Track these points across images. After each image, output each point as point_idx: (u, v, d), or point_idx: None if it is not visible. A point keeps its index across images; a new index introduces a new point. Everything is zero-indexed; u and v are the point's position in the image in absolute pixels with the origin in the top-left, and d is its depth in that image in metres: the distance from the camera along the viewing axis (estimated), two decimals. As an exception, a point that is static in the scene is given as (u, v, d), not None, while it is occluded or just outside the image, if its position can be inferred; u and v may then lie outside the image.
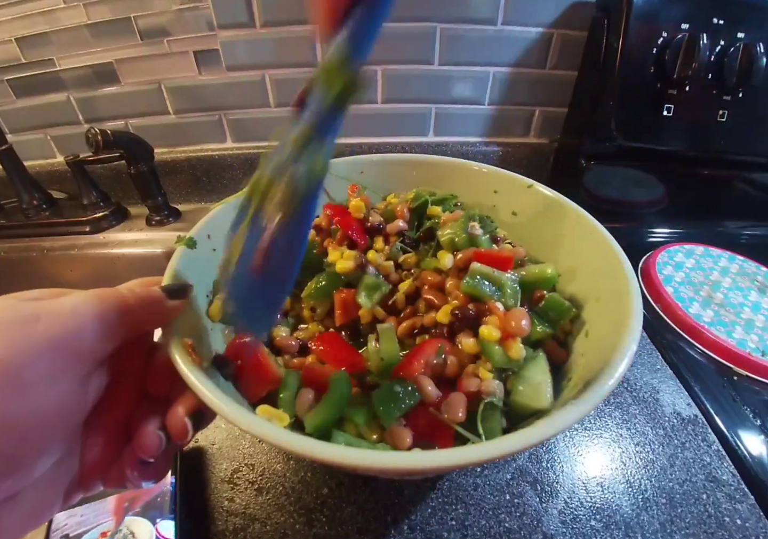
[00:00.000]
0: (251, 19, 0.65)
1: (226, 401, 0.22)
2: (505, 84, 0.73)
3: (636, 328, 0.26)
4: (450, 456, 0.20)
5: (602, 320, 0.32)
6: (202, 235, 0.34)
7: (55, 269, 0.74)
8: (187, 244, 0.32)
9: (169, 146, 0.79)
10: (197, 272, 0.32)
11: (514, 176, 0.44)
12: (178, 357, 0.24)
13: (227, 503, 0.36)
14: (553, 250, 0.40)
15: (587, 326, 0.33)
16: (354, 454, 0.20)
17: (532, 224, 0.43)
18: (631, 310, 0.28)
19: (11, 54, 0.70)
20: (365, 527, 0.35)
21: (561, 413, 0.22)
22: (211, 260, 0.35)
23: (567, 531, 0.34)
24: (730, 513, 0.36)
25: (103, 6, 0.65)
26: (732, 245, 0.68)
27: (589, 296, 0.34)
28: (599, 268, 0.34)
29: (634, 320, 0.27)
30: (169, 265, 0.30)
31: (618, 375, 0.24)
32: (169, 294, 0.25)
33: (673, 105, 0.62)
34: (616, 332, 0.27)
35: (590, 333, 0.32)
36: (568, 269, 0.37)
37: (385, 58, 0.69)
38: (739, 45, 0.57)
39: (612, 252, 0.33)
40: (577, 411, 0.22)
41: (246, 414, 0.22)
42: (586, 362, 0.30)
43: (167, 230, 0.74)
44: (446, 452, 0.20)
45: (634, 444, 0.41)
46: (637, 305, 0.28)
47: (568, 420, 0.21)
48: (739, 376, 0.48)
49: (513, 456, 0.37)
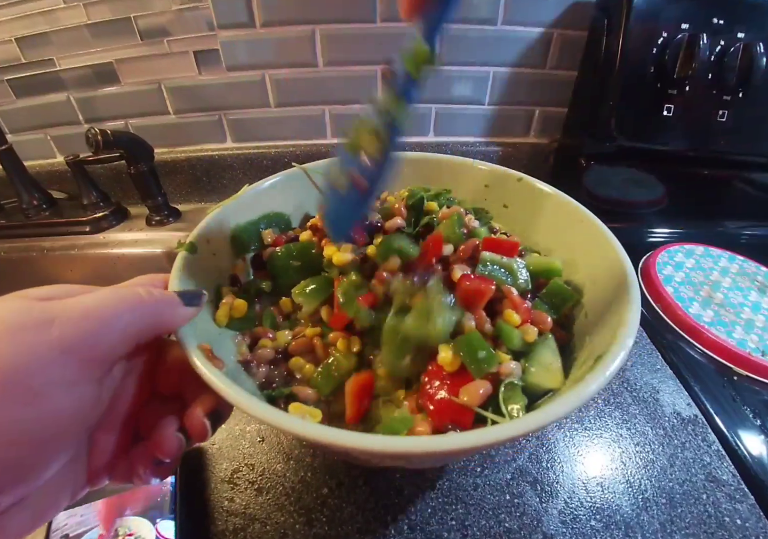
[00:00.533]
0: (251, 19, 0.65)
1: (263, 406, 0.22)
2: (505, 84, 0.73)
3: (636, 299, 0.28)
4: (498, 431, 0.20)
5: (600, 299, 0.33)
6: (201, 239, 0.34)
7: (55, 269, 0.74)
8: (187, 249, 0.32)
9: (169, 146, 0.79)
10: (200, 277, 0.32)
11: (504, 169, 0.45)
12: (201, 364, 0.24)
13: (227, 503, 0.36)
14: (544, 238, 0.42)
15: (585, 308, 0.34)
16: (398, 442, 0.20)
17: (522, 214, 0.44)
18: (628, 285, 0.29)
19: (11, 54, 0.70)
20: (365, 527, 0.35)
21: (582, 385, 0.23)
22: (212, 265, 0.35)
23: (567, 531, 0.34)
24: (730, 513, 0.36)
25: (103, 6, 0.65)
26: (732, 245, 0.68)
27: (585, 279, 0.36)
28: (592, 251, 0.36)
29: (632, 294, 0.29)
30: (172, 271, 0.30)
31: (627, 347, 0.25)
32: (185, 300, 0.25)
33: (673, 105, 0.62)
34: (617, 309, 0.28)
35: (589, 314, 0.34)
36: (562, 256, 0.39)
37: (385, 57, 0.69)
38: (739, 45, 0.57)
39: (603, 235, 0.35)
40: (596, 382, 0.23)
41: (283, 415, 0.22)
42: (590, 340, 0.31)
43: (167, 230, 0.74)
44: (491, 429, 0.21)
45: (634, 444, 0.41)
46: (632, 278, 0.30)
47: (591, 390, 0.22)
48: (739, 376, 0.48)
49: (545, 429, 0.38)
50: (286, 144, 0.78)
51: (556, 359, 0.31)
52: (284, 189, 0.43)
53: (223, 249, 0.37)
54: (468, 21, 0.66)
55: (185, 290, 0.28)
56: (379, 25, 0.66)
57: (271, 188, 0.42)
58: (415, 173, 0.48)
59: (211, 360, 0.25)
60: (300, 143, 0.78)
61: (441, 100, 0.75)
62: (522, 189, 0.43)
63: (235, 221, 0.38)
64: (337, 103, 0.74)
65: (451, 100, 0.75)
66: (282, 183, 0.43)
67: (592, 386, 0.23)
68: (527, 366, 0.30)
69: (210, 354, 0.25)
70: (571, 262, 0.38)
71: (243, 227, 0.38)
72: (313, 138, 0.78)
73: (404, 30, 0.66)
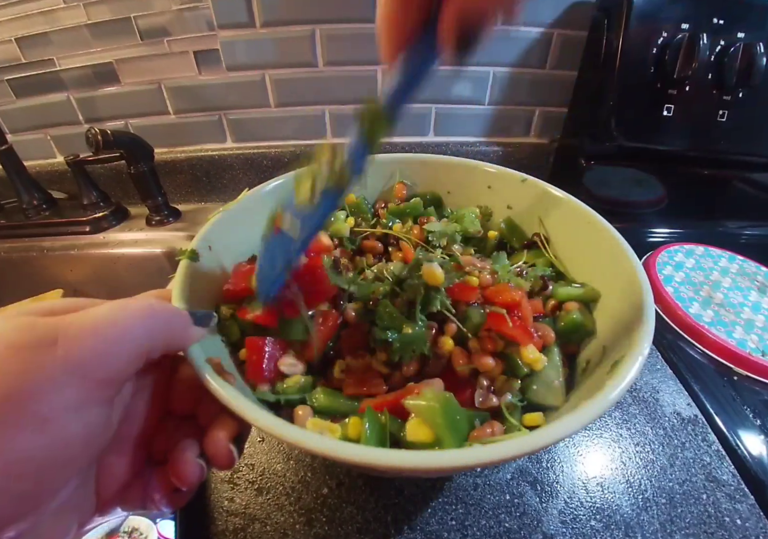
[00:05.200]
0: (251, 19, 0.65)
1: (285, 426, 0.21)
2: (505, 84, 0.73)
3: (650, 301, 0.28)
4: (518, 444, 0.20)
5: (610, 300, 0.34)
6: (203, 246, 0.34)
7: (55, 269, 0.74)
8: (189, 257, 0.32)
9: (169, 146, 0.79)
10: (202, 285, 0.31)
11: (507, 170, 0.45)
12: (213, 381, 0.23)
13: (227, 503, 0.36)
14: (554, 240, 0.42)
15: (594, 311, 0.35)
16: (425, 457, 0.20)
17: (527, 215, 0.44)
18: (641, 287, 0.30)
19: (11, 54, 0.70)
20: (365, 527, 0.35)
21: (605, 391, 0.23)
22: (214, 273, 0.34)
23: (567, 531, 0.34)
24: (730, 513, 0.36)
25: (103, 6, 0.65)
26: (732, 245, 0.68)
27: (592, 280, 0.36)
28: (599, 252, 0.36)
29: (646, 296, 0.29)
30: (175, 280, 0.30)
31: (645, 350, 0.25)
32: (196, 320, 0.24)
33: (673, 105, 0.62)
34: (631, 312, 0.29)
35: (598, 319, 0.34)
36: (568, 255, 0.39)
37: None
38: (739, 45, 0.57)
39: (610, 236, 0.35)
40: (618, 388, 0.23)
41: (306, 433, 0.21)
42: (603, 347, 0.31)
43: (167, 230, 0.74)
44: (509, 443, 0.21)
45: (634, 444, 0.41)
46: (643, 278, 0.30)
47: (614, 395, 0.23)
48: (739, 376, 0.48)
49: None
50: (286, 144, 0.78)
51: (559, 376, 0.31)
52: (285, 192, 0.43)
53: (226, 255, 0.37)
54: (468, 21, 0.66)
55: (197, 311, 0.27)
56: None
57: (272, 191, 0.42)
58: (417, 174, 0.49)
59: (221, 375, 0.24)
60: (300, 143, 0.78)
61: (441, 100, 0.75)
62: (526, 189, 0.43)
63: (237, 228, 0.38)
64: (337, 103, 0.74)
65: (451, 100, 0.74)
66: (282, 186, 0.43)
67: (614, 392, 0.23)
68: (529, 384, 0.31)
69: (220, 368, 0.25)
70: (574, 260, 0.38)
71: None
72: (313, 138, 0.78)
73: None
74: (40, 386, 0.16)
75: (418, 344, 0.30)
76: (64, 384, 0.17)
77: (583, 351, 0.34)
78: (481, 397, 0.30)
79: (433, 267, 0.31)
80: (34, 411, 0.16)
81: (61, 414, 0.17)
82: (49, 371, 0.17)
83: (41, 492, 0.17)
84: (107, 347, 0.18)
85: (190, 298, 0.29)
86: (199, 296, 0.30)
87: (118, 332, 0.19)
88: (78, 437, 0.18)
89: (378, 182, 0.49)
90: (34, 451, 0.16)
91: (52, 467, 0.17)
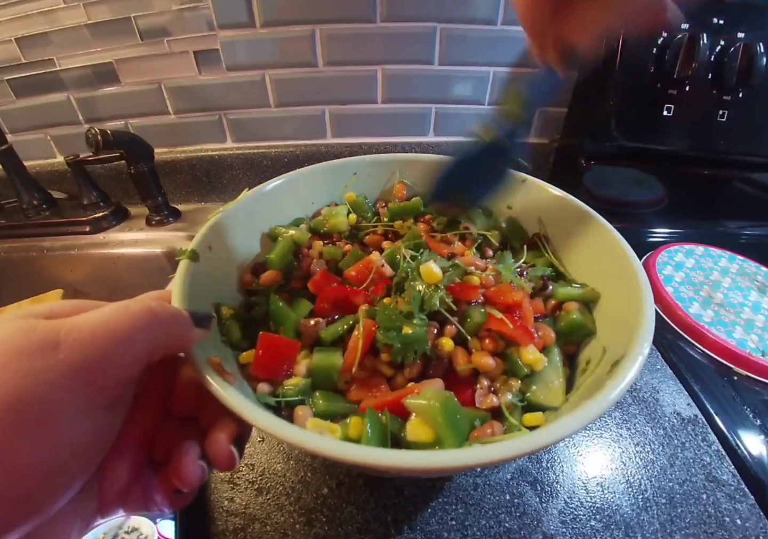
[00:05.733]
0: (251, 19, 0.65)
1: (285, 426, 0.21)
2: (505, 84, 0.73)
3: (649, 301, 0.29)
4: (518, 444, 0.21)
5: (608, 299, 0.34)
6: (203, 246, 0.34)
7: (55, 269, 0.74)
8: (189, 257, 0.32)
9: (169, 146, 0.79)
10: (202, 285, 0.31)
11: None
12: (214, 381, 0.23)
13: (227, 503, 0.36)
14: (554, 239, 0.42)
15: (594, 312, 0.35)
16: (425, 457, 0.20)
17: (527, 215, 0.44)
18: (639, 285, 0.30)
19: (11, 54, 0.70)
20: (365, 527, 0.35)
21: (605, 391, 0.23)
22: (215, 272, 0.34)
23: (567, 531, 0.34)
24: (730, 513, 0.36)
25: (103, 6, 0.65)
26: (732, 245, 0.68)
27: (592, 280, 0.36)
28: (599, 252, 0.36)
29: (645, 296, 0.29)
30: (175, 280, 0.30)
31: (645, 350, 0.25)
32: (196, 320, 0.24)
33: (673, 105, 0.62)
34: (630, 312, 0.29)
35: (597, 318, 0.34)
36: (568, 255, 0.39)
37: (385, 58, 0.69)
38: (739, 45, 0.57)
39: (610, 236, 0.35)
40: (618, 388, 0.23)
41: (306, 433, 0.21)
42: (603, 348, 0.31)
43: (167, 230, 0.74)
44: (510, 442, 0.21)
45: (634, 444, 0.41)
46: (643, 277, 0.30)
47: (614, 395, 0.23)
48: (739, 376, 0.48)
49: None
50: (286, 144, 0.78)
51: (559, 377, 0.31)
52: (284, 193, 0.43)
53: (226, 255, 0.37)
54: (468, 21, 0.66)
55: (197, 311, 0.26)
56: (379, 25, 0.66)
57: (271, 191, 0.42)
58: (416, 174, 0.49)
59: (221, 375, 0.24)
60: (300, 143, 0.78)
61: (441, 100, 0.75)
62: (526, 189, 0.43)
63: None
64: (337, 103, 0.74)
65: (451, 100, 0.75)
66: (282, 186, 0.43)
67: (614, 392, 0.23)
68: (529, 385, 0.31)
69: (220, 369, 0.25)
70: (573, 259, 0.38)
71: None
72: (313, 138, 0.78)
73: (406, 28, 0.66)
74: (41, 392, 0.16)
75: (419, 345, 0.30)
76: (66, 389, 0.17)
77: (583, 351, 0.34)
78: (482, 397, 0.30)
79: (430, 266, 0.31)
80: (35, 417, 0.16)
81: (62, 420, 0.17)
82: (51, 377, 0.16)
83: (44, 497, 0.17)
84: (109, 352, 0.18)
85: (190, 298, 0.29)
86: (199, 297, 0.30)
87: (119, 337, 0.19)
88: (80, 442, 0.18)
89: (378, 182, 0.49)
90: (36, 456, 0.16)
91: (55, 472, 0.17)
